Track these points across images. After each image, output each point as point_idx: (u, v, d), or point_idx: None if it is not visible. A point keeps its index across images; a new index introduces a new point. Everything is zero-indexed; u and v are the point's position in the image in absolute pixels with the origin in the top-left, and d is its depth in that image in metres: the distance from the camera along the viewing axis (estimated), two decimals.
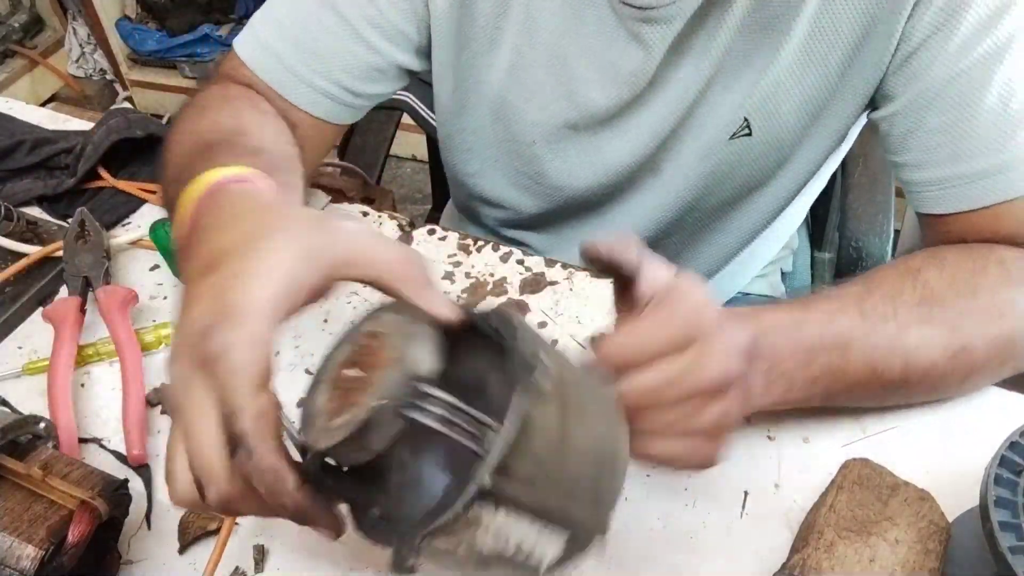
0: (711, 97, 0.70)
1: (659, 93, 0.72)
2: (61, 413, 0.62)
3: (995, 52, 0.60)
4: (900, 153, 0.67)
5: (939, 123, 0.63)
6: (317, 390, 0.41)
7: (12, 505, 0.49)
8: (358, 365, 0.39)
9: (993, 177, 0.62)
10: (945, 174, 0.64)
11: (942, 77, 0.62)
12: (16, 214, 0.78)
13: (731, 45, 0.67)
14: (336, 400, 0.39)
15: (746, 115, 0.70)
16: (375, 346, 0.40)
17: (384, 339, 0.40)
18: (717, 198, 0.79)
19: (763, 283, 0.98)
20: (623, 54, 0.69)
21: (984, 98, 0.61)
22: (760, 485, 0.59)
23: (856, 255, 0.97)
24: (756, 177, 0.76)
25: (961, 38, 0.60)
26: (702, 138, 0.73)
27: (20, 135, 0.88)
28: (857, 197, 0.98)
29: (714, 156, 0.74)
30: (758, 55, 0.67)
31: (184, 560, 0.57)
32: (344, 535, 0.42)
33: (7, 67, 2.50)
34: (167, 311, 0.74)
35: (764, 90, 0.69)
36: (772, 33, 0.66)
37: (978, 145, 0.62)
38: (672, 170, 0.76)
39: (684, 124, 0.73)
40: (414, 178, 2.37)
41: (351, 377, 0.39)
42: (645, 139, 0.75)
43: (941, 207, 0.65)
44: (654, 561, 0.56)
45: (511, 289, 0.74)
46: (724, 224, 0.83)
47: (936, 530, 0.51)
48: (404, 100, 1.13)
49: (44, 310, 0.69)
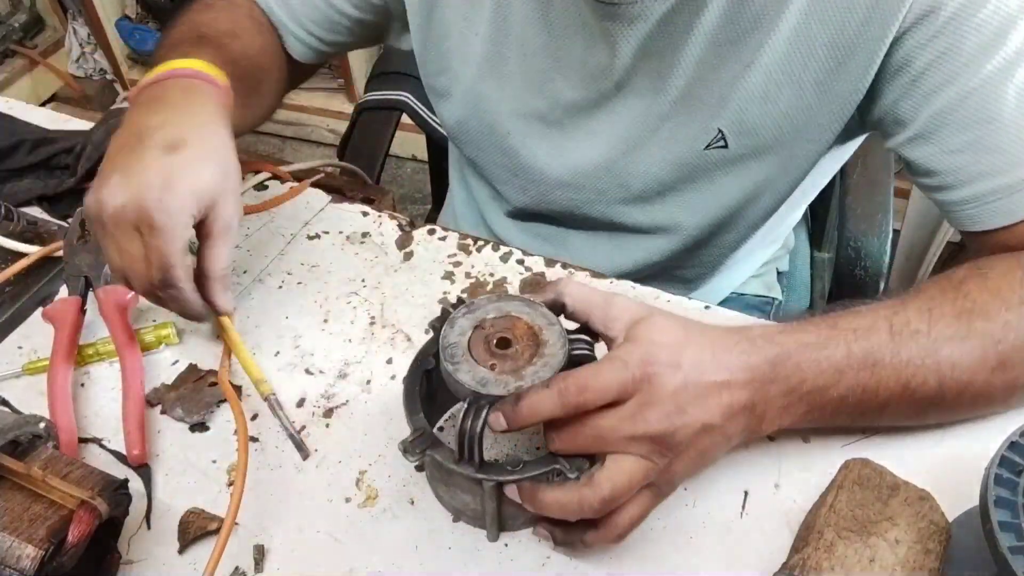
0: (681, 107, 0.71)
1: (626, 96, 0.72)
2: (61, 413, 0.62)
3: (1006, 66, 0.59)
4: (929, 176, 0.66)
5: (960, 142, 0.62)
6: (454, 345, 0.53)
7: (12, 505, 0.49)
8: (497, 335, 0.53)
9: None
10: (977, 191, 0.63)
11: (954, 96, 0.61)
12: (16, 214, 0.78)
13: (701, 56, 0.67)
14: (487, 354, 0.53)
15: (720, 127, 0.70)
16: (509, 323, 0.54)
17: (516, 319, 0.54)
18: (698, 206, 0.79)
19: (758, 283, 0.98)
20: (589, 50, 0.70)
21: (1002, 112, 0.60)
22: (760, 485, 0.59)
23: (855, 255, 0.97)
24: (738, 186, 0.76)
25: (967, 56, 0.60)
26: (672, 148, 0.73)
27: (20, 135, 0.88)
28: (856, 197, 0.98)
29: (687, 165, 0.74)
30: (728, 68, 0.67)
31: (184, 560, 0.57)
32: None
33: (7, 67, 2.50)
34: (167, 311, 0.74)
35: (737, 104, 0.68)
36: (743, 48, 0.66)
37: (1006, 159, 0.61)
38: (643, 178, 0.77)
39: (655, 132, 0.73)
40: (414, 178, 2.37)
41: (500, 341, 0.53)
42: (613, 141, 0.75)
43: (978, 224, 0.64)
44: (654, 561, 0.56)
45: (511, 289, 0.74)
46: (710, 231, 0.82)
47: (936, 530, 0.51)
48: (404, 100, 1.13)
49: (44, 310, 0.69)
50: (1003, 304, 0.57)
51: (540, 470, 0.51)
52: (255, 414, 0.65)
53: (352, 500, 0.60)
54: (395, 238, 0.80)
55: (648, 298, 0.73)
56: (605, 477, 0.50)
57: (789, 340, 0.54)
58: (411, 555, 0.57)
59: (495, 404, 0.50)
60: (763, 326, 0.55)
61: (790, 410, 0.54)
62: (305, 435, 0.64)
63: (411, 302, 0.74)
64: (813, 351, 0.54)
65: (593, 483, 0.50)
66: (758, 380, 0.52)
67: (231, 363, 0.68)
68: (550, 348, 0.52)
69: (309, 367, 0.69)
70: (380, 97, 1.16)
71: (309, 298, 0.75)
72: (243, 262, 0.78)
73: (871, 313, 0.56)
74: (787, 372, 0.53)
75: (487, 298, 0.56)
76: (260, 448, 0.63)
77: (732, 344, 0.53)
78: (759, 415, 0.53)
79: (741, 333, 0.54)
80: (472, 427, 0.50)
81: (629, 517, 0.53)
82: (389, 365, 0.69)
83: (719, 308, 0.72)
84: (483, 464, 0.52)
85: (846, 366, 0.54)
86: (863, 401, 0.55)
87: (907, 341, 0.55)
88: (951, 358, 0.55)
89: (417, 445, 0.53)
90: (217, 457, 0.63)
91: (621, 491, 0.50)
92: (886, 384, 0.55)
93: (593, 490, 0.50)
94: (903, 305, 0.57)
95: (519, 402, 0.49)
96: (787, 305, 1.02)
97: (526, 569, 0.56)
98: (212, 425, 0.65)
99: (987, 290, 0.58)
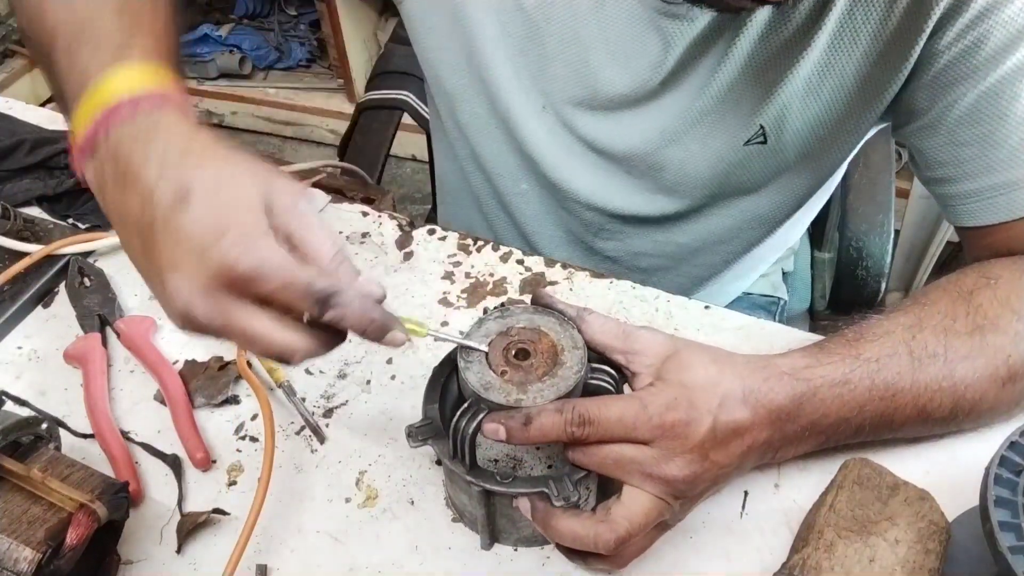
0: (727, 103, 0.70)
1: (672, 90, 0.71)
2: (112, 443, 0.62)
3: (1022, 65, 0.60)
4: (934, 168, 0.67)
5: (970, 136, 0.63)
6: (473, 354, 0.53)
7: (11, 507, 0.49)
8: (519, 345, 0.53)
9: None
10: (979, 186, 0.64)
11: (972, 90, 0.61)
12: (13, 213, 0.78)
13: (752, 53, 0.67)
14: (503, 361, 0.52)
15: (762, 123, 0.70)
16: (534, 337, 0.53)
17: (543, 335, 0.54)
18: (725, 202, 0.78)
19: (765, 283, 0.98)
20: (642, 45, 0.69)
21: (1014, 109, 0.61)
22: (760, 485, 0.59)
23: (856, 255, 0.97)
24: (766, 184, 0.76)
25: (988, 53, 0.60)
26: (712, 143, 0.73)
27: (20, 135, 0.88)
28: (857, 197, 0.98)
29: (725, 160, 0.74)
30: (777, 65, 0.67)
31: (184, 560, 0.57)
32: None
33: (7, 67, 2.50)
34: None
35: (782, 100, 0.68)
36: (793, 45, 0.66)
37: (1011, 156, 0.62)
38: (678, 170, 0.76)
39: (695, 125, 0.72)
40: (414, 178, 2.36)
41: (519, 351, 0.53)
42: (650, 135, 0.75)
43: (978, 219, 0.65)
44: (654, 561, 0.56)
45: (511, 289, 0.74)
46: (730, 229, 0.82)
47: (936, 530, 0.51)
48: (404, 100, 1.13)
49: (66, 352, 0.69)
50: (1013, 315, 0.57)
51: (528, 489, 0.51)
52: (255, 414, 0.65)
53: (352, 500, 0.60)
54: (395, 238, 0.80)
55: (648, 298, 0.73)
56: (622, 516, 0.50)
57: (816, 376, 0.53)
58: (411, 555, 0.57)
59: (494, 412, 0.50)
60: (790, 359, 0.54)
61: (808, 441, 0.55)
62: (305, 435, 0.64)
63: (411, 302, 0.74)
64: (838, 387, 0.54)
65: (611, 521, 0.50)
66: (781, 420, 0.52)
67: (246, 352, 0.69)
68: (564, 371, 0.52)
69: (309, 367, 0.69)
70: (380, 97, 1.16)
71: None
72: None
73: (889, 338, 0.56)
74: (811, 409, 0.53)
75: (523, 308, 0.56)
76: (259, 448, 0.63)
77: (761, 381, 0.52)
78: (775, 448, 0.54)
79: (769, 368, 0.53)
80: (465, 427, 0.50)
81: (637, 549, 0.53)
82: (389, 365, 0.69)
83: (719, 308, 0.72)
84: (474, 467, 0.52)
85: (867, 399, 0.54)
86: (879, 426, 0.56)
87: (926, 366, 0.55)
88: (965, 379, 0.56)
89: (421, 432, 0.53)
90: (217, 457, 0.63)
91: (637, 530, 0.50)
92: (903, 411, 0.55)
93: (611, 528, 0.49)
94: (919, 326, 0.57)
95: (529, 423, 0.49)
96: (789, 305, 1.02)
97: (526, 570, 0.56)
98: (212, 425, 0.65)
99: (997, 301, 0.58)
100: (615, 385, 0.53)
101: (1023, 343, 0.57)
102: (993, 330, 0.57)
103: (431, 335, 0.51)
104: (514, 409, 0.49)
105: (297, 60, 2.48)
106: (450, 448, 0.52)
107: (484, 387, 0.51)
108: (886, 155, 0.97)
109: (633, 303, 0.73)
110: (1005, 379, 0.56)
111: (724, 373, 0.52)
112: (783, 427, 0.53)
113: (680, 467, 0.49)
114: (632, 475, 0.50)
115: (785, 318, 1.01)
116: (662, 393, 0.50)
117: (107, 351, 0.70)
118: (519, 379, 0.51)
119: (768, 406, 0.52)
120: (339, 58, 2.30)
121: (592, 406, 0.49)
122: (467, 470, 0.52)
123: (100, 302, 0.73)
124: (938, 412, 0.56)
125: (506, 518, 0.55)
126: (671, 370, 0.51)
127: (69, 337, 0.71)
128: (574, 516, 0.51)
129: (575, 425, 0.48)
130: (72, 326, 0.72)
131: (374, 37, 2.36)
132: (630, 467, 0.49)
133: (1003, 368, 0.56)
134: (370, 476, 0.61)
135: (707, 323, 0.71)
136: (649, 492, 0.50)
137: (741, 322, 0.71)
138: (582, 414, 0.48)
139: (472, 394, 0.51)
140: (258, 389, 0.65)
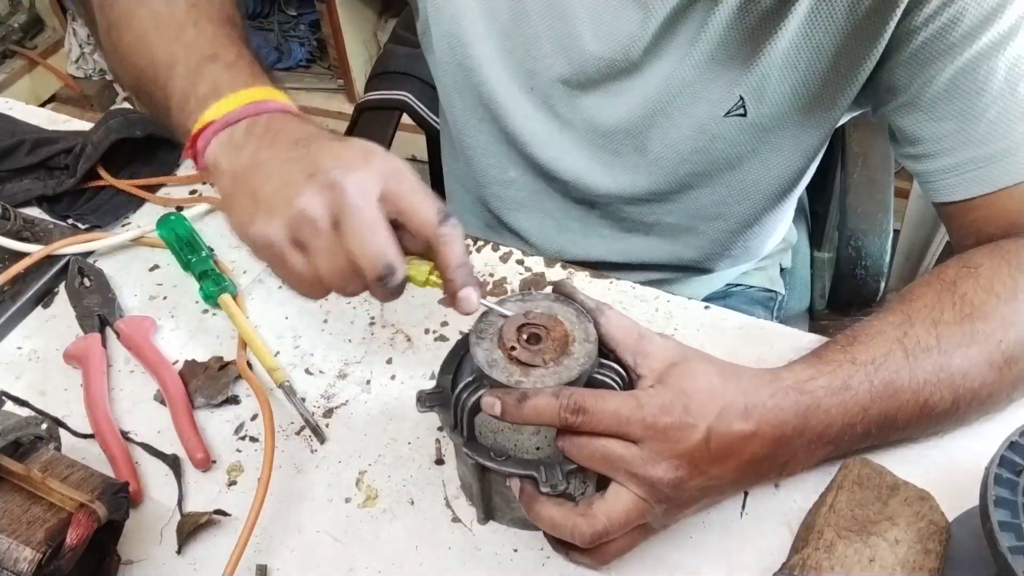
0: (707, 73, 0.71)
1: (654, 60, 0.72)
2: (112, 444, 0.62)
3: (1000, 40, 0.61)
4: (913, 144, 0.68)
5: (949, 111, 0.64)
6: (485, 336, 0.53)
7: (11, 507, 0.49)
8: (532, 330, 0.53)
9: (1005, 159, 0.63)
10: (958, 160, 0.65)
11: (949, 66, 0.63)
12: (13, 213, 0.78)
13: (730, 23, 0.67)
14: (514, 341, 0.52)
15: (741, 94, 0.71)
16: (549, 324, 0.53)
17: (558, 323, 0.54)
18: (709, 178, 0.79)
19: (762, 276, 0.99)
20: (621, 15, 0.70)
21: (991, 84, 0.62)
22: (760, 485, 0.59)
23: (856, 254, 0.97)
24: (749, 159, 0.76)
25: (964, 30, 0.61)
26: (693, 114, 0.73)
27: (20, 135, 0.88)
28: (856, 196, 0.97)
29: (707, 132, 0.74)
30: (756, 36, 0.68)
31: (183, 560, 0.57)
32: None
33: (7, 67, 2.50)
34: (168, 311, 0.74)
35: (760, 71, 0.69)
36: (771, 16, 0.66)
37: (988, 129, 0.63)
38: (662, 143, 0.77)
39: (678, 96, 0.73)
40: None
41: (531, 337, 0.53)
42: (635, 107, 0.75)
43: (957, 193, 0.66)
44: (654, 561, 0.56)
45: (511, 289, 0.74)
46: (715, 209, 0.82)
47: (936, 530, 0.51)
48: (404, 100, 1.13)
49: (66, 352, 0.69)
50: (998, 300, 0.58)
51: (518, 470, 0.52)
52: (255, 414, 0.65)
53: (352, 500, 0.60)
54: None
55: (648, 298, 0.73)
56: (603, 511, 0.50)
57: (818, 388, 0.53)
58: (411, 555, 0.57)
59: (495, 388, 0.51)
60: (793, 372, 0.55)
61: (816, 454, 0.55)
62: (305, 435, 0.64)
63: (411, 302, 0.74)
64: (840, 394, 0.54)
65: (590, 515, 0.50)
66: (787, 436, 0.52)
67: (247, 352, 0.69)
68: (571, 361, 0.52)
69: (309, 367, 0.69)
70: (380, 97, 1.16)
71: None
72: (243, 262, 0.78)
73: (882, 337, 0.56)
74: (816, 421, 0.53)
75: (545, 294, 0.56)
76: (259, 448, 0.63)
77: (767, 396, 0.52)
78: (780, 464, 0.54)
79: (775, 382, 0.53)
80: (466, 399, 0.52)
81: (617, 548, 0.53)
82: (389, 365, 0.69)
83: (719, 308, 0.72)
84: (472, 440, 0.53)
85: (869, 401, 0.54)
86: (884, 428, 0.56)
87: (922, 360, 0.55)
88: (962, 367, 0.56)
89: (431, 399, 0.55)
90: (217, 457, 0.63)
91: (615, 528, 0.50)
92: (905, 408, 0.55)
93: (588, 522, 0.50)
94: (909, 322, 0.57)
95: (525, 400, 0.49)
96: (788, 304, 1.02)
97: (526, 570, 0.56)
98: (212, 425, 0.65)
99: (980, 288, 0.58)
100: (621, 384, 0.54)
101: (1012, 327, 0.57)
102: (981, 317, 0.57)
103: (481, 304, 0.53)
104: (514, 389, 0.50)
105: (297, 60, 2.48)
106: (451, 418, 0.53)
107: (489, 364, 0.51)
108: (885, 155, 0.97)
109: (633, 303, 0.73)
110: (1001, 363, 0.57)
111: (728, 385, 0.51)
112: (790, 442, 0.53)
113: (665, 470, 0.49)
114: (618, 472, 0.50)
115: (784, 317, 1.01)
116: (660, 395, 0.50)
117: (107, 351, 0.70)
118: (525, 361, 0.52)
119: (773, 422, 0.52)
120: (339, 58, 2.30)
121: (589, 396, 0.49)
122: (464, 442, 0.53)
123: (100, 302, 0.73)
124: (940, 405, 0.56)
125: (500, 496, 0.56)
126: (674, 376, 0.51)
127: (69, 337, 0.71)
128: (557, 504, 0.51)
129: (569, 411, 0.49)
130: (72, 326, 0.72)
131: (374, 37, 2.36)
132: (617, 464, 0.50)
133: (997, 353, 0.56)
134: (370, 476, 0.61)
135: (707, 323, 0.71)
136: (633, 492, 0.50)
137: (741, 322, 0.71)
138: (577, 402, 0.49)
139: (477, 369, 0.52)
140: (258, 389, 0.65)
